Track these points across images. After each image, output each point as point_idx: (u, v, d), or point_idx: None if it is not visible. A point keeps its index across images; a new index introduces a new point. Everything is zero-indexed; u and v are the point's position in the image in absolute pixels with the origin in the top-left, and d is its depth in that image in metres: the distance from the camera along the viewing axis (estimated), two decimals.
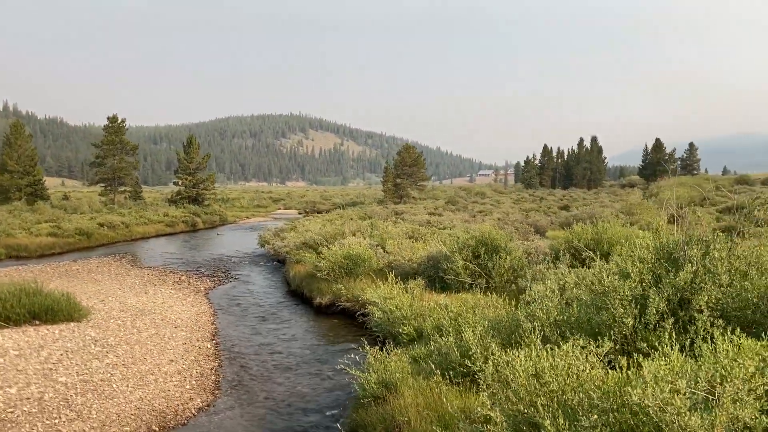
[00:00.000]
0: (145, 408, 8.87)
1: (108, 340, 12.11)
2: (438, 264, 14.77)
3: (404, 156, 72.64)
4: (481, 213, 40.17)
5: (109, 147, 58.00)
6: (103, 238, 35.95)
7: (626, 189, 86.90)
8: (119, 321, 13.82)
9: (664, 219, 8.07)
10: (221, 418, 8.79)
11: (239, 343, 12.90)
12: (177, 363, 11.06)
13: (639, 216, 23.59)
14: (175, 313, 15.09)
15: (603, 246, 12.50)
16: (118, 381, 9.79)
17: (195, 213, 52.36)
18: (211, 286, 20.14)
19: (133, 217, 43.43)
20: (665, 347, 4.60)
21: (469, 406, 6.03)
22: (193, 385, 10.02)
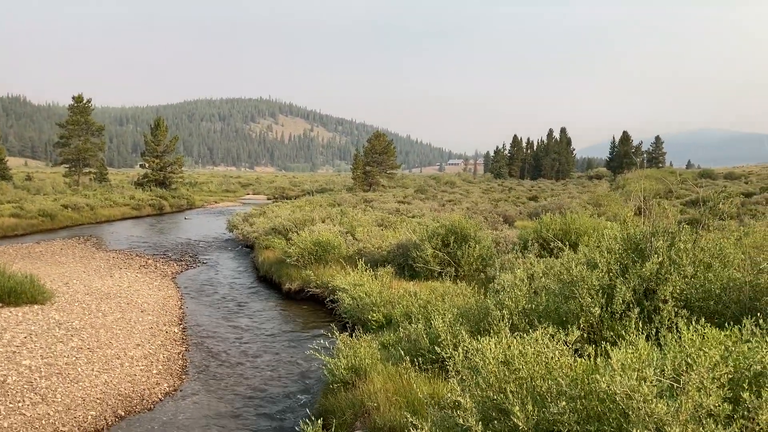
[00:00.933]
0: (110, 392, 8.77)
1: (73, 323, 11.92)
2: (407, 252, 14.83)
3: (374, 143, 72.52)
4: (451, 202, 40.39)
5: (74, 127, 56.80)
6: (67, 220, 35.29)
7: (594, 181, 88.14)
8: (84, 304, 13.61)
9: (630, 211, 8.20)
10: (188, 402, 8.74)
11: (207, 328, 12.81)
12: (143, 347, 10.95)
13: (606, 207, 23.96)
14: (142, 297, 14.91)
15: (571, 236, 12.67)
16: (84, 365, 9.65)
17: (162, 196, 51.64)
18: (178, 270, 19.93)
19: (99, 200, 42.67)
20: (631, 336, 4.70)
21: (438, 392, 6.09)
22: (159, 370, 9.93)
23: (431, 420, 4.54)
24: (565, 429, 3.76)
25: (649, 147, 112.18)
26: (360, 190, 64.90)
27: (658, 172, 67.25)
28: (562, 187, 70.87)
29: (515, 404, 3.89)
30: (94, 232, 31.97)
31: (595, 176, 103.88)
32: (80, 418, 7.84)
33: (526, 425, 3.82)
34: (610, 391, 3.50)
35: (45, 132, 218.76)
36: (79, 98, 57.15)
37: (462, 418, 3.99)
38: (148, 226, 36.59)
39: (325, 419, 6.75)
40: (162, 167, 61.43)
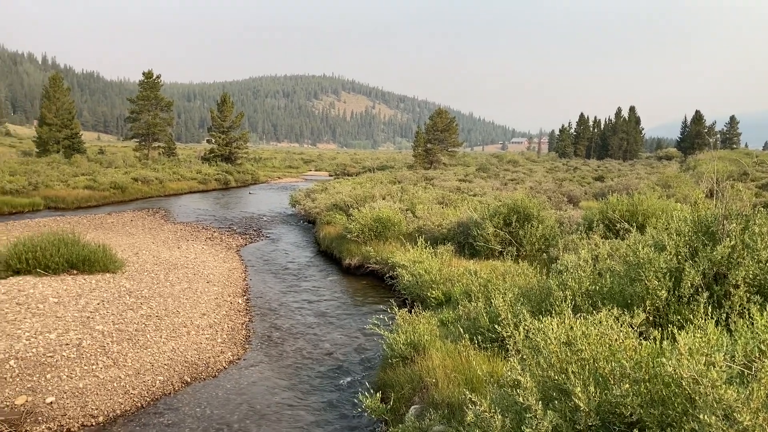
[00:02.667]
0: (177, 359, 9.11)
1: (142, 291, 12.40)
2: (468, 230, 14.75)
3: (436, 121, 72.00)
4: (513, 181, 39.85)
5: (144, 102, 58.60)
6: (137, 193, 36.59)
7: (663, 161, 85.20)
8: (153, 274, 14.12)
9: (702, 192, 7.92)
10: (251, 371, 8.99)
11: (269, 300, 13.11)
12: (209, 317, 11.30)
13: (676, 189, 23.17)
14: (208, 269, 15.36)
15: (638, 218, 12.32)
16: (152, 332, 10.05)
17: (227, 171, 52.84)
18: (242, 243, 20.42)
19: (167, 173, 44.03)
20: (700, 321, 4.56)
21: (497, 371, 6.07)
22: (224, 339, 10.25)
23: (490, 398, 4.53)
24: (627, 412, 3.69)
25: (723, 127, 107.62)
26: (421, 167, 64.73)
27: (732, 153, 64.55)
28: (629, 167, 68.82)
29: (577, 385, 3.84)
30: (162, 204, 33.04)
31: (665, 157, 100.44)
32: (149, 383, 8.19)
33: (588, 406, 3.77)
34: (676, 375, 3.41)
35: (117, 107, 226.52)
36: (149, 74, 58.82)
37: (522, 397, 3.96)
38: (214, 200, 37.55)
39: (383, 393, 6.84)
40: (228, 143, 62.81)
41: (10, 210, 26.98)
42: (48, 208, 29.04)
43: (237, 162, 62.65)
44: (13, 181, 30.98)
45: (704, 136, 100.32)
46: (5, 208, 26.90)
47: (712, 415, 3.12)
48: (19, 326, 9.55)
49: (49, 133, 53.34)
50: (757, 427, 3.01)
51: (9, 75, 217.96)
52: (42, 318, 10.04)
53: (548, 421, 3.79)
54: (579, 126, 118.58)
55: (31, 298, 11.03)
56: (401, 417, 6.41)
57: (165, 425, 7.15)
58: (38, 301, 10.93)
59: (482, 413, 4.19)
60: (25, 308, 10.45)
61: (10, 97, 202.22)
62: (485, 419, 4.19)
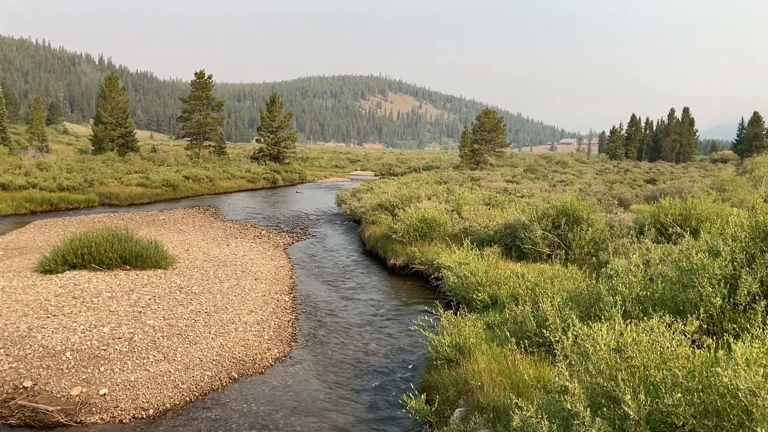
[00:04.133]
0: (225, 355, 9.27)
1: (192, 288, 12.66)
2: (515, 232, 14.60)
3: (483, 121, 71.50)
4: (562, 183, 39.28)
5: (196, 102, 59.82)
6: (188, 191, 37.39)
7: (718, 164, 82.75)
8: (203, 270, 14.40)
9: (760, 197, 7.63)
10: (297, 369, 9.08)
11: (315, 298, 13.22)
12: (256, 314, 11.46)
13: (732, 193, 22.47)
14: (256, 266, 15.59)
15: (691, 222, 12.00)
16: (201, 327, 10.25)
17: (276, 170, 53.54)
18: (289, 241, 20.65)
19: (217, 172, 44.88)
20: (757, 330, 4.41)
21: (544, 376, 6.00)
22: (271, 336, 10.38)
23: (537, 403, 4.48)
24: (679, 422, 3.60)
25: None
26: (467, 168, 64.39)
27: None
28: (682, 170, 67.06)
29: (626, 392, 3.77)
30: (212, 202, 33.69)
31: (720, 159, 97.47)
32: (198, 378, 8.36)
33: (638, 414, 3.69)
34: (731, 386, 3.31)
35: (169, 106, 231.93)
36: (201, 74, 60.03)
37: (570, 403, 3.90)
38: (262, 199, 38.08)
39: (428, 394, 6.83)
40: (276, 142, 63.59)
41: (67, 206, 27.93)
42: (102, 204, 29.95)
43: (285, 161, 63.40)
44: (69, 178, 32.05)
45: (762, 138, 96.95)
46: (62, 204, 27.85)
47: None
48: (75, 319, 9.86)
49: (104, 131, 54.97)
50: None
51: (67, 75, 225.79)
52: (96, 312, 10.35)
53: (596, 429, 3.72)
54: (630, 127, 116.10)
55: (86, 292, 11.38)
56: (446, 419, 6.39)
57: (212, 420, 7.28)
58: (93, 295, 11.27)
59: (529, 418, 4.15)
60: (80, 302, 10.78)
61: (68, 96, 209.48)
62: (532, 424, 4.14)
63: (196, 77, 60.07)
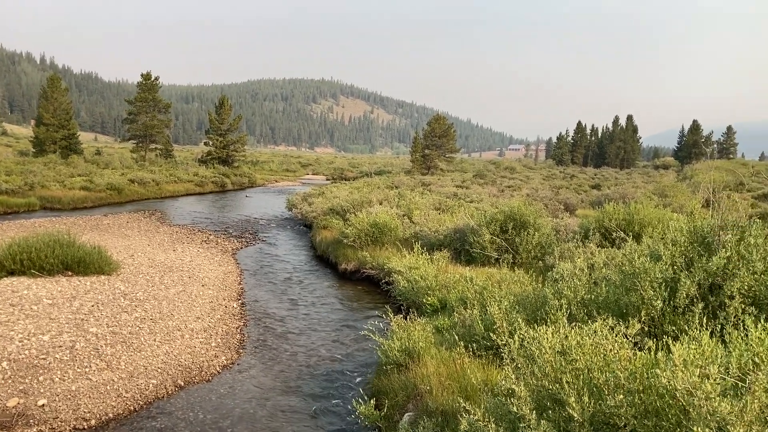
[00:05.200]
0: (171, 362, 9.07)
1: (137, 294, 12.36)
2: (464, 237, 14.75)
3: (434, 126, 72.11)
4: (510, 188, 39.89)
5: (142, 104, 58.52)
6: (134, 194, 36.53)
7: (660, 170, 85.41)
8: (148, 276, 14.08)
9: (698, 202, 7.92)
10: (245, 376, 8.96)
11: (265, 305, 13.08)
12: (203, 320, 11.27)
13: (672, 198, 23.21)
14: (203, 272, 15.33)
15: (634, 227, 12.34)
16: (146, 335, 10.01)
17: (224, 174, 52.82)
18: (238, 246, 20.38)
19: (164, 175, 43.98)
20: (695, 332, 4.55)
21: (492, 379, 6.06)
22: (218, 343, 10.21)
23: (484, 406, 4.52)
24: (621, 423, 3.68)
25: (720, 137, 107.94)
26: (418, 173, 64.79)
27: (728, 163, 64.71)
28: (626, 176, 68.93)
29: (571, 395, 3.84)
30: (158, 206, 32.99)
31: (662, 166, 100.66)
32: (142, 386, 8.15)
33: (582, 416, 3.76)
34: (670, 386, 3.40)
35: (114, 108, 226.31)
36: (148, 76, 58.77)
37: (516, 406, 3.95)
38: (211, 203, 37.50)
39: (377, 399, 6.82)
40: (225, 145, 62.75)
41: (6, 210, 26.90)
42: (44, 208, 28.97)
43: (234, 165, 62.59)
44: (9, 181, 30.88)
45: (701, 146, 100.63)
46: (1, 208, 26.82)
47: (705, 428, 3.12)
48: (12, 328, 9.50)
49: (46, 133, 53.22)
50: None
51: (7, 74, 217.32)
52: (35, 320, 10.00)
53: (542, 431, 3.78)
54: (576, 134, 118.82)
55: (24, 300, 10.98)
56: (395, 424, 6.39)
57: (157, 429, 7.11)
58: (32, 302, 10.88)
59: (476, 422, 4.18)
60: (18, 309, 10.40)
61: (7, 96, 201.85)
62: (479, 428, 4.18)
63: (143, 78, 58.75)
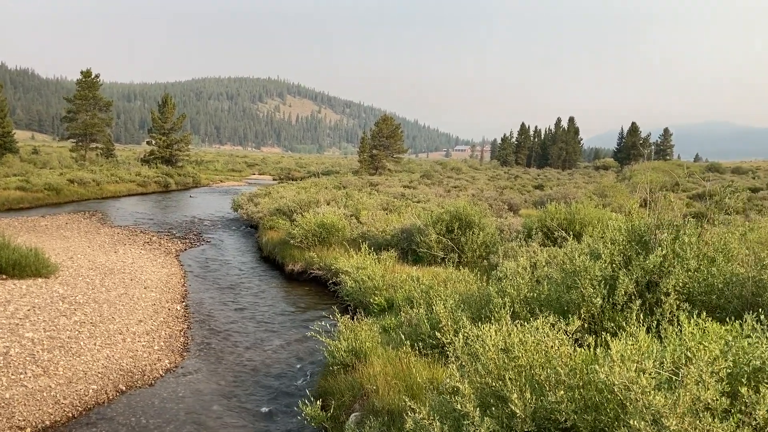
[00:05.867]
0: (112, 367, 8.83)
1: (76, 297, 11.99)
2: (411, 237, 14.84)
3: (382, 127, 72.32)
4: (456, 188, 40.33)
5: (82, 102, 56.80)
6: (73, 195, 35.41)
7: (600, 171, 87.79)
8: (88, 279, 13.68)
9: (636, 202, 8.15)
10: (189, 379, 8.80)
11: (209, 306, 12.87)
12: (146, 323, 11.01)
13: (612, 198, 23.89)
14: (146, 274, 14.98)
15: (575, 226, 12.64)
16: (86, 339, 9.72)
17: (168, 174, 51.72)
18: (182, 248, 20.00)
19: (105, 175, 42.77)
20: (632, 328, 4.69)
21: (437, 378, 6.12)
22: (161, 346, 10.00)
23: (429, 404, 4.56)
24: (562, 418, 3.77)
25: (658, 139, 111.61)
26: (366, 173, 64.85)
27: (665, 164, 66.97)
28: (568, 176, 70.63)
29: (513, 391, 3.91)
30: (99, 207, 32.08)
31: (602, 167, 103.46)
32: (81, 392, 7.91)
33: (524, 413, 3.83)
34: (608, 381, 3.50)
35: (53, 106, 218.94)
36: (88, 73, 57.06)
37: (460, 404, 4.00)
38: (154, 203, 36.67)
39: (324, 400, 6.79)
40: (169, 145, 61.46)
41: None
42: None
43: (178, 165, 61.35)
44: None
45: (639, 148, 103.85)
46: None
47: (641, 421, 3.22)
48: None
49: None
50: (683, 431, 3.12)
51: None
52: None
53: (485, 428, 3.83)
54: (520, 135, 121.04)
55: None
56: (341, 425, 6.38)
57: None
58: None
59: (421, 420, 4.21)
60: None
61: None
62: (424, 426, 4.21)
63: (83, 76, 56.99)
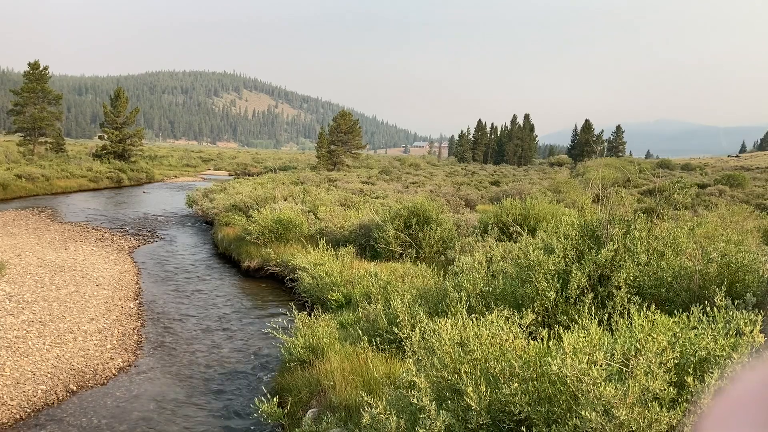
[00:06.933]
0: (62, 366, 8.62)
1: (24, 296, 11.65)
2: (369, 233, 14.85)
3: (340, 122, 72.06)
4: (414, 184, 40.48)
5: (30, 95, 54.97)
6: (21, 191, 34.34)
7: (555, 167, 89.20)
8: (37, 277, 13.31)
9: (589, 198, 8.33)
10: (142, 378, 8.64)
11: (163, 304, 12.65)
12: (98, 322, 10.77)
13: (566, 194, 24.31)
14: (97, 271, 14.64)
15: (530, 221, 12.83)
16: (35, 338, 9.46)
17: (121, 169, 50.55)
18: (135, 244, 19.60)
19: (54, 170, 41.58)
20: (584, 321, 4.80)
21: (395, 372, 6.15)
22: (114, 345, 9.79)
23: (386, 399, 4.58)
24: (516, 410, 3.83)
25: (610, 136, 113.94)
26: (324, 169, 64.58)
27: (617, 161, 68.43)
28: (523, 172, 71.61)
29: (469, 385, 3.95)
30: (49, 203, 31.19)
31: (557, 163, 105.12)
32: (29, 393, 7.70)
33: (479, 405, 3.88)
34: (560, 373, 3.57)
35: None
36: (36, 65, 55.29)
37: (416, 398, 4.02)
38: (106, 199, 35.84)
39: (280, 397, 6.76)
40: (121, 139, 60.06)
41: None
42: None
43: (131, 160, 60.01)
44: None
45: (592, 144, 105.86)
46: None
47: (593, 411, 3.29)
48: None
49: None
50: (632, 421, 3.20)
51: None
52: None
53: (441, 421, 3.86)
54: (477, 132, 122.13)
55: None
56: (298, 421, 6.36)
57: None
58: None
59: (378, 415, 4.23)
60: None
61: None
62: (381, 421, 4.22)
63: (30, 68, 55.16)
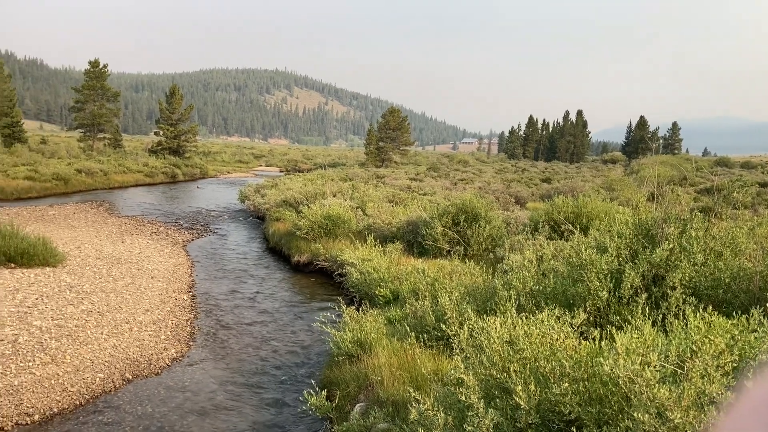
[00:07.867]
0: (119, 356, 8.89)
1: (83, 286, 12.06)
2: (417, 229, 14.84)
3: (389, 119, 72.13)
4: (463, 181, 40.24)
5: (90, 92, 56.82)
6: (81, 185, 35.53)
7: (608, 165, 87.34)
8: (95, 268, 13.75)
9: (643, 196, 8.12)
10: (195, 369, 8.84)
11: (216, 297, 12.91)
12: (152, 313, 11.07)
13: (619, 192, 23.80)
14: (152, 264, 15.04)
15: (582, 220, 12.60)
16: (93, 328, 9.78)
17: (175, 164, 51.78)
18: (189, 238, 20.06)
19: (112, 165, 42.88)
20: (638, 321, 4.69)
21: (442, 369, 6.13)
22: (168, 336, 10.05)
23: (434, 396, 4.57)
24: (566, 410, 3.77)
25: (666, 133, 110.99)
26: (372, 165, 64.80)
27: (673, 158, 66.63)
28: (575, 170, 70.36)
29: (518, 384, 3.91)
30: (107, 197, 32.19)
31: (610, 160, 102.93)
32: (89, 380, 7.97)
33: (528, 404, 3.84)
34: (613, 374, 3.50)
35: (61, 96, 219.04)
36: (96, 63, 57.09)
37: (464, 395, 4.01)
38: (161, 194, 36.77)
39: (329, 391, 6.82)
40: (176, 135, 61.49)
41: None
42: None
43: (185, 155, 61.38)
44: None
45: (647, 141, 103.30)
46: None
47: (645, 413, 3.22)
48: None
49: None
50: (687, 425, 3.12)
51: None
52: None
53: (489, 419, 3.84)
54: (528, 128, 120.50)
55: None
56: (346, 415, 6.41)
57: (104, 423, 6.96)
58: None
59: (425, 411, 4.23)
60: None
61: None
62: (428, 417, 4.22)
63: (91, 66, 56.99)
